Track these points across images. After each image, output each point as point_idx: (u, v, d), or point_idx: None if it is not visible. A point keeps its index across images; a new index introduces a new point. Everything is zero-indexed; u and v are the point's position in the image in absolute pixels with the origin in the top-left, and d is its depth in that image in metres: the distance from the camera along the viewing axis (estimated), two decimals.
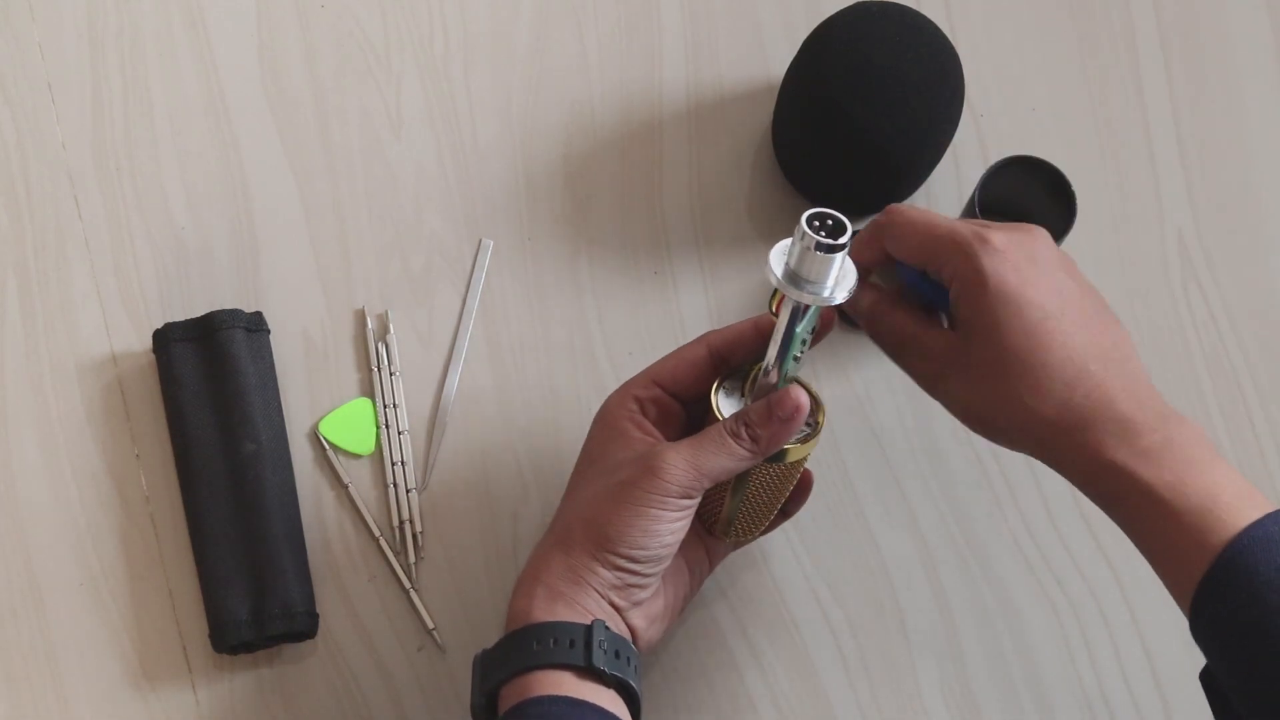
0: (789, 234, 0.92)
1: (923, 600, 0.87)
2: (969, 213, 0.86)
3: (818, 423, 0.74)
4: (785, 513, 0.81)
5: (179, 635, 0.85)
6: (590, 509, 0.72)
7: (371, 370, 0.89)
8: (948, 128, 0.89)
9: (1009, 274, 0.68)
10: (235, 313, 0.87)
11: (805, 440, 0.73)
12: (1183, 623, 0.67)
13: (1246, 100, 0.96)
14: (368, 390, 0.90)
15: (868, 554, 0.88)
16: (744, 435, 0.71)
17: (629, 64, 0.96)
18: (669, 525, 0.71)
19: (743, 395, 0.74)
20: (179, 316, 0.88)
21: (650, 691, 0.85)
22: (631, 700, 0.72)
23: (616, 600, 0.72)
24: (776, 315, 0.70)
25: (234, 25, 0.95)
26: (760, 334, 0.75)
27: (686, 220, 0.93)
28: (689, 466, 0.71)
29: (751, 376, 0.74)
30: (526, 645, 0.70)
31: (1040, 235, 0.71)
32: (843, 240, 0.65)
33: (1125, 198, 0.94)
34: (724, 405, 0.74)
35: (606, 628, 0.70)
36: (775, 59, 0.96)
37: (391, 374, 0.89)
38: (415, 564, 0.87)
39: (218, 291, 0.90)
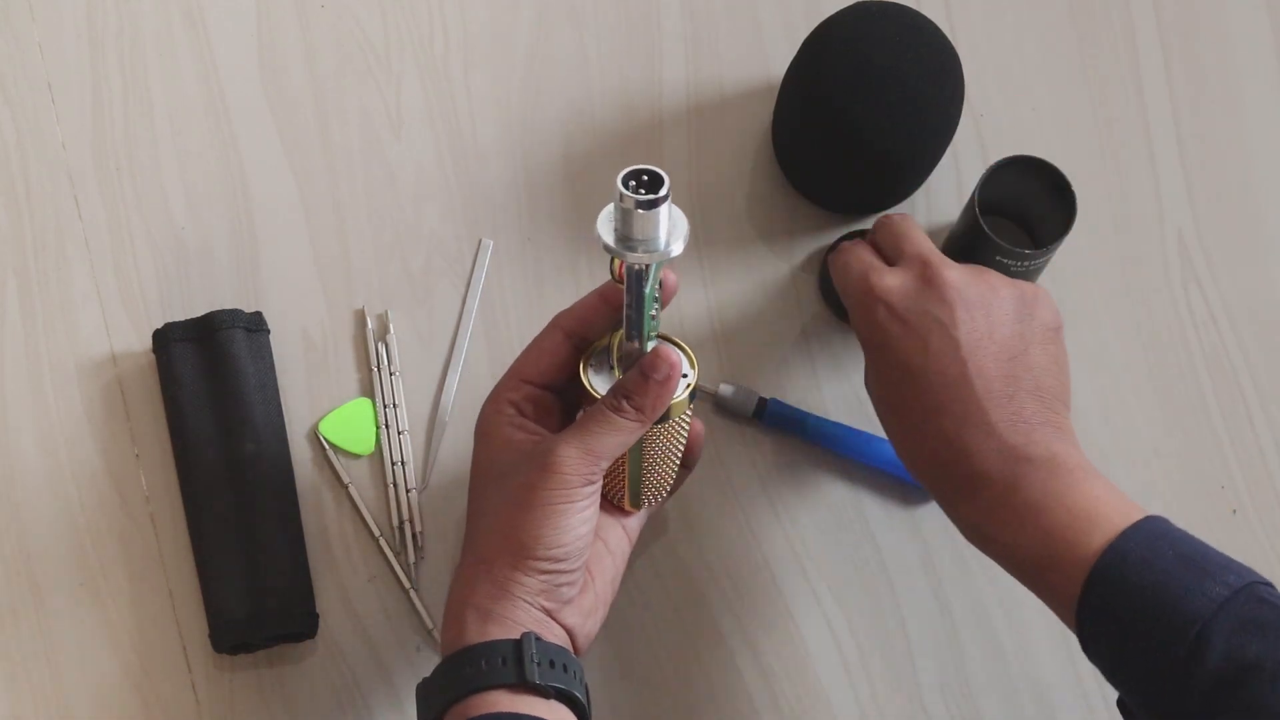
0: (789, 233, 0.93)
1: (923, 600, 0.87)
2: (969, 213, 0.86)
3: (693, 371, 0.73)
4: (686, 466, 0.80)
5: (179, 635, 0.85)
6: (500, 521, 0.71)
7: (371, 370, 0.89)
8: (948, 128, 0.89)
9: (875, 329, 0.73)
10: (235, 313, 0.87)
11: (684, 392, 0.73)
12: None
13: (1246, 100, 0.96)
14: (368, 390, 0.90)
15: (867, 554, 0.88)
16: (626, 407, 0.71)
17: (629, 64, 0.96)
18: (579, 517, 0.71)
19: (612, 368, 0.74)
20: (179, 316, 0.88)
21: (649, 692, 0.86)
22: (577, 706, 0.71)
23: (547, 604, 0.71)
24: (621, 282, 0.70)
25: (234, 25, 0.95)
26: (609, 303, 0.74)
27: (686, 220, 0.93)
28: (582, 453, 0.70)
29: (615, 348, 0.73)
30: (460, 670, 0.69)
31: (944, 282, 0.73)
32: (662, 193, 0.64)
33: (1125, 198, 0.94)
34: (596, 382, 0.73)
35: (538, 639, 0.69)
36: (775, 59, 0.95)
37: (391, 374, 0.89)
38: (415, 564, 0.87)
39: (218, 291, 0.90)
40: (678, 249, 0.66)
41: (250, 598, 0.83)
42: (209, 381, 0.86)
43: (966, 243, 0.86)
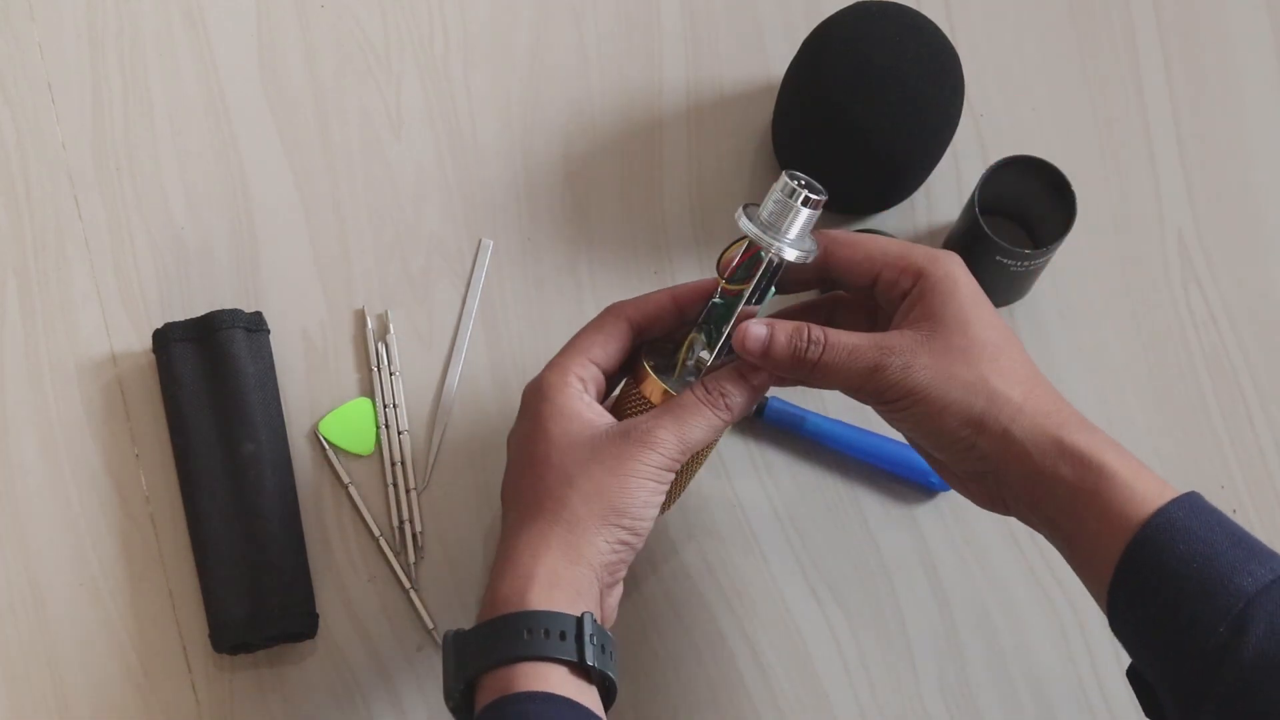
0: None
1: (923, 600, 0.87)
2: (969, 213, 0.86)
3: None
4: None
5: (179, 635, 0.85)
6: (593, 485, 0.71)
7: (371, 370, 0.89)
8: (948, 128, 0.89)
9: (973, 283, 0.72)
10: (235, 313, 0.87)
11: None
12: None
13: (1246, 100, 0.96)
14: (368, 390, 0.90)
15: (868, 554, 0.88)
16: (721, 405, 0.73)
17: (629, 64, 0.96)
18: (660, 497, 0.72)
19: (674, 371, 0.74)
20: (179, 316, 0.88)
21: (650, 691, 0.86)
22: (608, 693, 0.71)
23: (605, 578, 0.71)
24: (727, 279, 0.72)
25: (234, 25, 0.95)
26: (679, 307, 0.76)
27: (686, 220, 0.93)
28: (677, 439, 0.72)
29: (684, 350, 0.74)
30: (515, 633, 0.68)
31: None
32: (824, 196, 0.69)
33: (1125, 198, 0.94)
34: (662, 379, 0.74)
35: (594, 620, 0.69)
36: (775, 59, 0.95)
37: (391, 374, 0.89)
38: (415, 564, 0.87)
39: (218, 291, 0.90)
40: (795, 255, 0.70)
41: (250, 598, 0.83)
42: (209, 381, 0.86)
43: (966, 243, 0.86)
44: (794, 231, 0.70)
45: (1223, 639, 0.62)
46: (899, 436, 0.89)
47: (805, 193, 0.69)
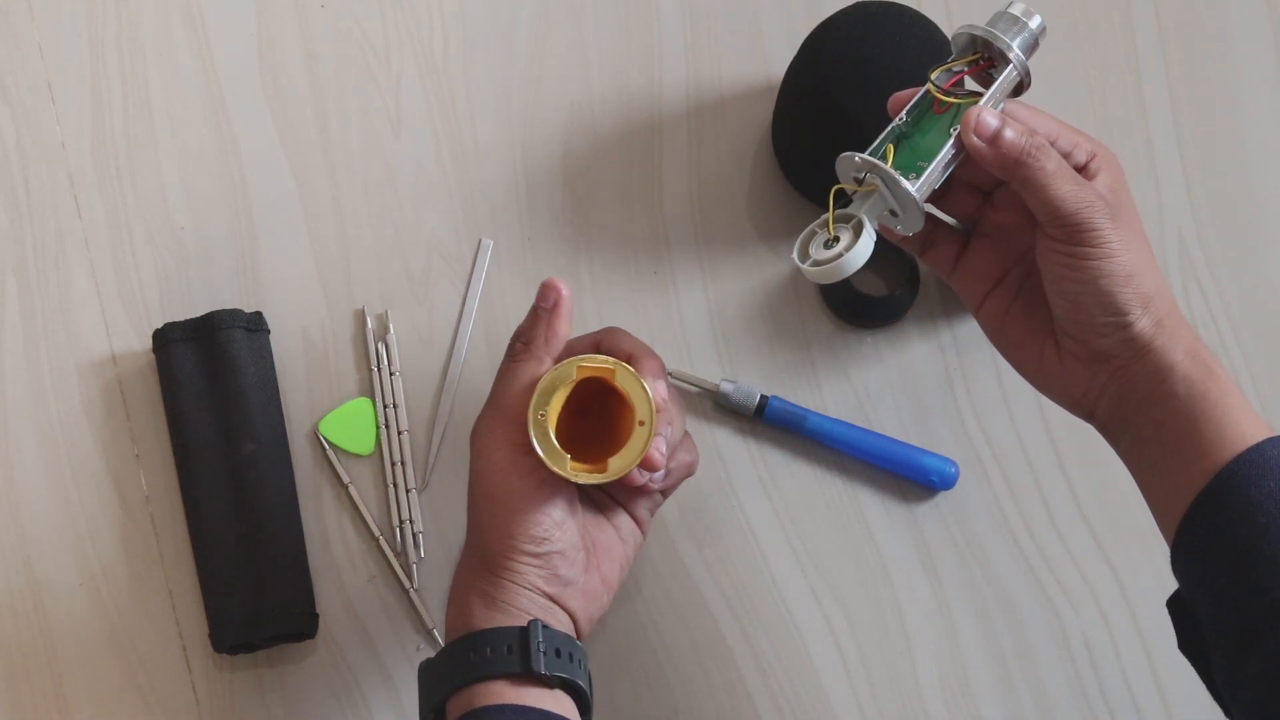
0: (789, 233, 0.93)
1: (923, 600, 0.87)
2: None
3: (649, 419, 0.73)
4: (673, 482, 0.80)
5: (179, 635, 0.85)
6: (498, 524, 0.72)
7: (371, 370, 0.89)
8: None
9: (1125, 187, 0.72)
10: (235, 313, 0.87)
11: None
12: None
13: (1246, 101, 0.96)
14: (368, 390, 0.90)
15: (868, 554, 0.88)
16: (517, 345, 0.75)
17: (629, 64, 0.96)
18: (561, 510, 0.72)
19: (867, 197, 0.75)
20: (179, 316, 0.88)
21: (649, 691, 0.86)
22: (580, 695, 0.72)
23: (548, 589, 0.72)
24: (944, 91, 0.72)
25: (234, 25, 0.95)
26: (594, 341, 0.76)
27: (686, 220, 0.93)
28: (499, 425, 0.73)
29: (890, 157, 0.74)
30: (465, 656, 0.70)
31: None
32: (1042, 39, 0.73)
33: None
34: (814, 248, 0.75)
35: (545, 627, 0.70)
36: (775, 59, 0.96)
37: (391, 374, 0.89)
38: (415, 564, 0.87)
39: (218, 291, 0.90)
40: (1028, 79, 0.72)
41: (250, 598, 0.83)
42: (209, 381, 0.86)
43: None
44: (1017, 46, 0.71)
45: None
46: (899, 436, 0.89)
47: (1038, 17, 0.71)
